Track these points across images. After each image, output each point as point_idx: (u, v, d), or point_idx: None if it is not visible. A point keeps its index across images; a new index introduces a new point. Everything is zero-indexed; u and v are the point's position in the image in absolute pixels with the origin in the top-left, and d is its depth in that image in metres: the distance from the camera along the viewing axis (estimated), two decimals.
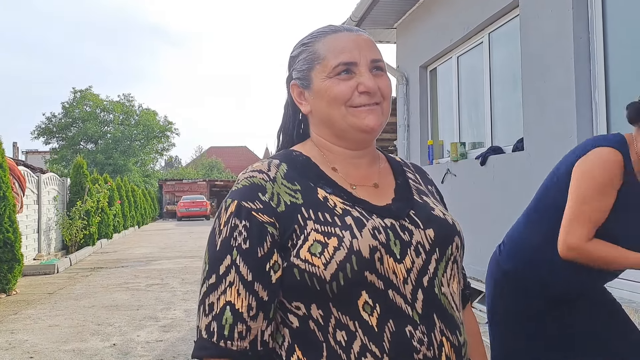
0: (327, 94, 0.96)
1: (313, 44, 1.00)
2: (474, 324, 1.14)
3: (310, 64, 0.99)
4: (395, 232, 0.91)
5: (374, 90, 0.95)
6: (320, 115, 0.99)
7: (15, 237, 7.50)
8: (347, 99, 0.95)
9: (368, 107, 0.95)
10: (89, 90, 36.72)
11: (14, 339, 5.03)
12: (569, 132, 3.68)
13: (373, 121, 0.95)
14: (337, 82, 0.95)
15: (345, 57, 0.95)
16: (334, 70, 0.95)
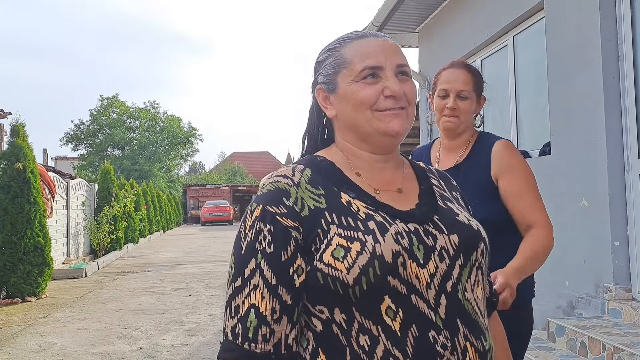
0: (353, 98, 0.97)
1: (339, 49, 1.01)
2: (501, 331, 1.12)
3: (337, 68, 0.99)
4: (419, 237, 0.90)
5: (400, 95, 0.95)
6: (345, 119, 0.99)
7: (45, 241, 7.68)
8: (373, 102, 0.96)
9: (393, 111, 0.96)
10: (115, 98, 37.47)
11: (44, 342, 5.14)
12: (597, 136, 3.60)
13: (398, 125, 0.96)
14: (363, 86, 0.96)
15: (372, 62, 0.96)
16: (360, 74, 0.96)
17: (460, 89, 1.76)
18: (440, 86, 1.79)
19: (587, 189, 3.70)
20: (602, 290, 3.54)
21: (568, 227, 3.91)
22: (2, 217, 7.34)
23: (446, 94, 1.77)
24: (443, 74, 1.80)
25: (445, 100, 1.77)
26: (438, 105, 1.79)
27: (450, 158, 1.79)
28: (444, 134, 1.82)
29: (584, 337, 3.09)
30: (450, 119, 1.76)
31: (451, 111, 1.75)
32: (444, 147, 1.85)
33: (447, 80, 1.78)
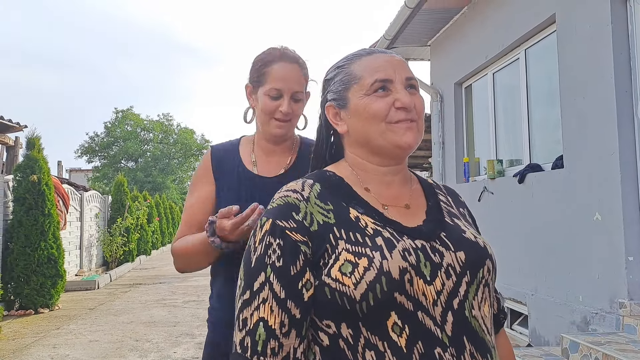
0: (365, 111, 0.98)
1: (349, 66, 1.03)
2: (508, 348, 1.11)
3: (347, 84, 1.01)
4: (426, 254, 0.91)
5: (411, 106, 0.97)
6: (357, 133, 1.01)
7: (59, 253, 7.75)
8: (385, 115, 0.97)
9: (406, 123, 0.97)
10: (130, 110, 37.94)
11: (56, 354, 5.17)
12: (610, 149, 3.57)
13: (411, 138, 0.97)
14: (374, 99, 0.98)
15: (381, 75, 0.98)
16: (370, 87, 0.98)
17: (296, 89, 1.54)
18: (272, 84, 1.52)
19: (601, 203, 3.67)
20: (616, 306, 3.49)
21: (581, 242, 3.86)
22: (17, 229, 7.43)
23: (279, 94, 1.52)
24: (275, 68, 1.53)
25: (278, 101, 1.52)
26: (267, 106, 1.53)
27: (274, 164, 1.59)
28: (271, 139, 1.58)
29: (598, 353, 3.03)
30: (283, 124, 1.54)
31: (285, 116, 1.53)
32: (262, 151, 1.60)
33: (281, 79, 1.52)
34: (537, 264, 4.48)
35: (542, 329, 4.34)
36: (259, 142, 1.61)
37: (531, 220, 4.57)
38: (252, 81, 1.58)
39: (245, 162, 1.58)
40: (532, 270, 4.55)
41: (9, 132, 8.85)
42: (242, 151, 1.61)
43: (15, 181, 7.65)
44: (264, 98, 1.53)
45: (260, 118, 1.57)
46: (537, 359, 3.36)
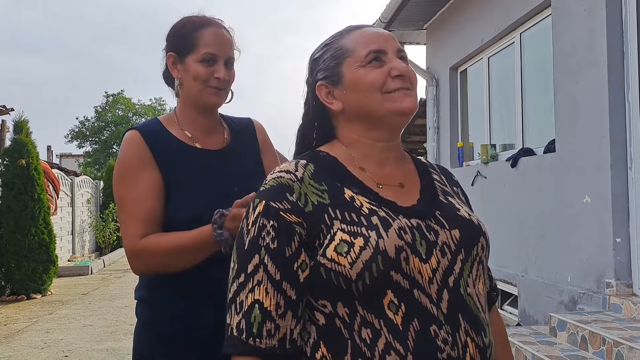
0: (362, 82, 0.97)
1: (337, 42, 1.02)
2: (501, 326, 1.13)
3: (339, 59, 1.00)
4: (421, 232, 0.91)
5: (406, 73, 0.98)
6: (355, 107, 0.99)
7: (50, 238, 7.71)
8: (382, 84, 0.97)
9: (403, 91, 0.97)
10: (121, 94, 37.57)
11: (50, 338, 5.17)
12: (602, 133, 3.60)
13: (410, 103, 0.97)
14: (370, 70, 0.97)
15: (375, 46, 0.98)
16: (365, 58, 0.98)
17: (230, 54, 1.45)
18: (206, 49, 1.41)
19: (591, 186, 3.70)
20: (603, 286, 3.55)
21: (571, 224, 3.91)
22: (6, 214, 7.37)
23: (214, 59, 1.42)
24: (205, 32, 1.43)
25: (213, 67, 1.42)
26: (202, 73, 1.41)
27: (213, 138, 1.50)
28: (206, 109, 1.48)
29: (584, 331, 3.09)
30: (219, 92, 1.44)
31: (221, 82, 1.43)
32: (194, 126, 1.48)
33: (215, 43, 1.42)
34: (527, 246, 4.53)
35: (531, 309, 4.41)
36: (189, 117, 1.48)
37: (523, 203, 4.61)
38: (177, 49, 1.45)
39: (182, 139, 1.45)
40: (522, 252, 4.60)
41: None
42: (170, 129, 1.46)
43: (3, 166, 7.57)
44: (197, 65, 1.41)
45: (193, 87, 1.44)
46: (526, 337, 3.42)
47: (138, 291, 1.49)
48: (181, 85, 1.47)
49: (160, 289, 1.41)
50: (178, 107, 1.51)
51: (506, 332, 1.14)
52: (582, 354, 3.04)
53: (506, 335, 1.14)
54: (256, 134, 1.60)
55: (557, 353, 3.09)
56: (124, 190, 1.39)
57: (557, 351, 3.13)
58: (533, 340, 3.37)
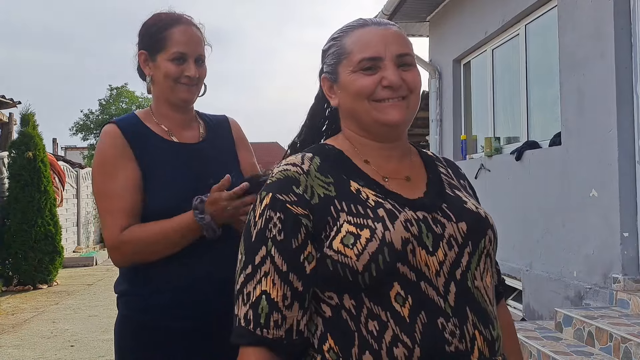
0: (351, 88, 0.98)
1: (342, 39, 1.01)
2: (509, 319, 1.12)
3: (338, 58, 1.00)
4: (428, 225, 0.91)
5: (397, 85, 0.95)
6: (346, 109, 1.01)
7: (56, 230, 7.76)
8: (370, 93, 0.96)
9: (392, 101, 0.96)
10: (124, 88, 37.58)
11: (56, 328, 5.22)
12: (609, 126, 3.57)
13: (397, 115, 0.96)
14: (360, 76, 0.97)
15: (370, 52, 0.96)
16: (358, 64, 0.97)
17: (200, 52, 1.49)
18: (175, 48, 1.45)
19: (597, 179, 3.68)
20: (610, 281, 3.53)
21: (577, 218, 3.89)
22: (13, 205, 7.42)
23: (183, 57, 1.45)
24: (174, 31, 1.46)
25: (183, 66, 1.45)
26: (172, 72, 1.45)
27: (189, 132, 1.53)
28: (178, 105, 1.51)
29: (591, 327, 3.09)
30: (190, 88, 1.48)
31: (191, 80, 1.47)
32: (170, 121, 1.51)
33: (184, 42, 1.45)
34: (532, 240, 4.52)
35: (536, 303, 4.40)
36: (163, 113, 1.51)
37: (527, 197, 4.60)
38: (147, 47, 1.48)
39: (159, 133, 1.48)
40: (527, 246, 4.59)
41: (2, 109, 8.76)
42: (147, 124, 1.50)
43: (10, 158, 7.61)
44: (167, 64, 1.45)
45: (164, 85, 1.47)
46: (530, 332, 3.41)
47: (118, 285, 1.51)
48: (153, 82, 1.51)
49: (141, 283, 1.44)
50: (153, 102, 1.55)
51: (514, 326, 1.14)
52: (589, 350, 3.03)
53: (514, 330, 1.13)
54: (231, 130, 1.64)
55: (563, 348, 3.08)
56: (103, 183, 1.42)
57: (563, 347, 3.12)
58: (538, 335, 3.36)
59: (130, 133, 1.45)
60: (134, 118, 1.51)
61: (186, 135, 1.52)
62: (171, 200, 1.40)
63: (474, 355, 0.87)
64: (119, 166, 1.41)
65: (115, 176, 1.40)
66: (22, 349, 4.55)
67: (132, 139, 1.44)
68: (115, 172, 1.40)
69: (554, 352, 2.99)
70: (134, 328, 1.45)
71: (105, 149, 1.43)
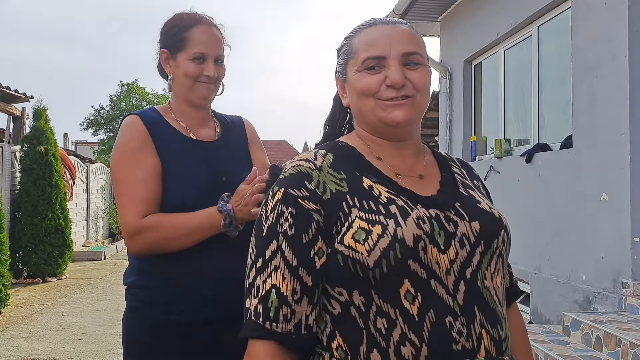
0: (355, 87, 0.99)
1: (352, 38, 1.02)
2: (520, 322, 1.12)
3: (346, 57, 1.02)
4: (440, 223, 0.91)
5: (399, 84, 0.95)
6: (354, 108, 1.02)
7: (66, 223, 7.83)
8: (375, 92, 0.97)
9: (396, 101, 0.96)
10: (135, 84, 37.78)
11: (64, 321, 5.26)
12: (621, 130, 3.54)
13: (400, 116, 0.96)
14: (364, 76, 0.97)
15: (374, 52, 0.97)
16: (362, 64, 0.98)
17: (219, 53, 1.54)
18: (195, 48, 1.49)
19: (608, 183, 3.65)
20: (619, 286, 3.51)
21: (587, 222, 3.86)
22: (24, 199, 7.49)
23: (203, 57, 1.50)
24: (195, 32, 1.50)
25: (202, 65, 1.50)
26: (192, 71, 1.50)
27: (205, 131, 1.57)
28: (196, 103, 1.55)
29: (599, 331, 3.06)
30: (209, 86, 1.52)
31: (210, 79, 1.52)
32: (187, 119, 1.55)
33: (204, 42, 1.50)
34: (541, 243, 4.49)
35: (543, 307, 4.38)
36: (181, 110, 1.56)
37: (537, 199, 4.57)
38: (169, 46, 1.53)
39: (178, 129, 1.52)
40: (535, 249, 4.56)
41: (15, 103, 8.84)
42: (167, 119, 1.54)
43: (22, 152, 7.68)
44: (187, 63, 1.50)
45: (184, 83, 1.52)
46: (538, 335, 3.39)
47: (127, 277, 1.53)
48: (173, 80, 1.55)
49: (150, 275, 1.46)
50: (172, 100, 1.59)
51: (526, 329, 1.13)
52: (597, 355, 3.01)
53: (526, 333, 1.12)
54: (246, 131, 1.68)
55: (570, 353, 3.06)
56: (124, 171, 1.43)
57: (571, 351, 3.10)
58: (545, 339, 3.34)
59: (152, 125, 1.48)
60: (154, 112, 1.55)
61: (203, 133, 1.56)
62: (189, 196, 1.44)
63: (480, 354, 0.87)
64: (140, 155, 1.43)
65: (137, 165, 1.42)
66: (31, 341, 4.59)
67: (153, 131, 1.47)
68: (137, 161, 1.43)
69: (561, 356, 2.97)
70: (141, 320, 1.46)
71: (127, 139, 1.46)
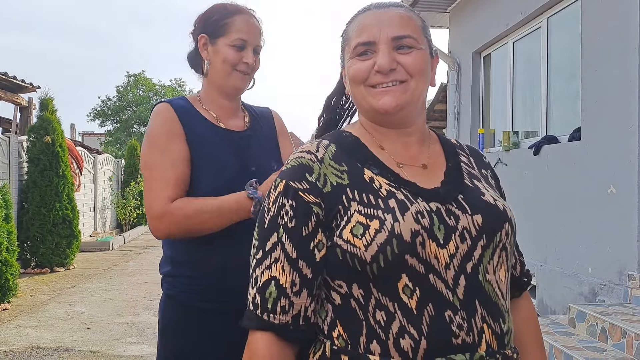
0: (348, 74, 0.99)
1: (349, 25, 1.02)
2: (531, 312, 1.10)
3: (343, 45, 1.02)
4: (440, 217, 0.89)
5: (386, 69, 0.93)
6: (352, 96, 1.02)
7: (74, 214, 7.87)
8: (365, 78, 0.96)
9: (385, 86, 0.95)
10: (142, 75, 37.80)
11: (73, 311, 5.32)
12: (629, 122, 3.51)
13: (389, 102, 0.94)
14: (356, 62, 0.97)
15: (363, 37, 0.96)
16: (354, 50, 0.97)
17: (258, 43, 1.54)
18: (237, 35, 1.49)
19: (616, 176, 3.63)
20: (625, 278, 3.50)
21: (594, 214, 3.85)
22: (32, 189, 7.54)
23: (244, 45, 1.50)
24: (238, 19, 1.50)
25: (242, 52, 1.50)
26: (231, 57, 1.49)
27: (234, 120, 1.57)
28: (229, 92, 1.55)
29: (604, 323, 3.06)
30: (245, 77, 1.53)
31: (247, 67, 1.51)
32: (218, 108, 1.56)
33: (247, 30, 1.50)
34: (547, 235, 4.48)
35: (549, 299, 4.38)
36: (212, 99, 1.56)
37: (544, 192, 4.55)
38: (209, 31, 1.52)
39: (208, 118, 1.53)
40: (542, 242, 4.56)
41: (22, 93, 8.88)
42: (199, 108, 1.54)
43: (29, 142, 7.72)
44: (228, 49, 1.49)
45: (221, 70, 1.51)
46: (543, 327, 3.39)
47: (162, 267, 1.57)
48: (209, 66, 1.54)
49: (184, 265, 1.49)
50: (203, 88, 1.59)
51: (537, 320, 1.10)
52: (601, 346, 3.01)
53: (537, 322, 1.10)
54: (274, 121, 1.70)
55: (575, 344, 3.07)
56: (153, 156, 1.45)
57: (576, 342, 3.10)
58: (551, 330, 3.35)
59: (182, 112, 1.49)
60: (184, 100, 1.56)
61: (232, 123, 1.57)
62: (218, 184, 1.44)
63: (481, 348, 0.87)
64: (169, 141, 1.45)
65: (165, 150, 1.44)
66: (39, 330, 4.65)
67: (183, 118, 1.48)
68: (166, 146, 1.44)
69: (566, 347, 2.98)
70: (175, 308, 1.50)
71: (156, 125, 1.48)
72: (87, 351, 4.10)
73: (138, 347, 4.19)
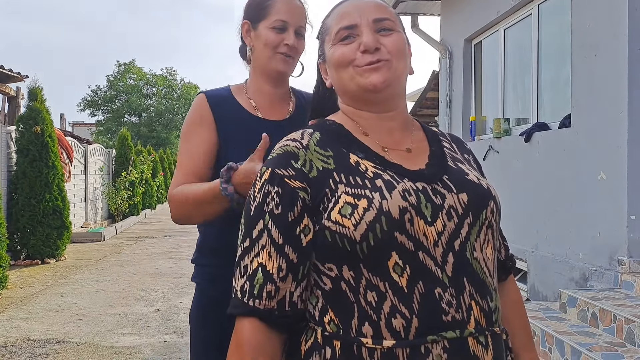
0: (332, 60, 1.00)
1: (326, 19, 1.05)
2: (517, 296, 1.12)
3: (323, 36, 1.05)
4: (427, 195, 0.91)
5: (372, 47, 0.96)
6: (336, 84, 1.03)
7: (64, 205, 7.81)
8: (351, 60, 0.98)
9: (372, 65, 0.96)
10: (132, 64, 37.44)
11: (64, 302, 5.29)
12: (619, 109, 3.52)
13: (377, 78, 0.96)
14: (339, 47, 0.99)
15: (345, 22, 0.99)
16: (336, 36, 1.00)
17: (300, 24, 1.48)
18: (277, 16, 1.45)
19: (606, 162, 3.65)
20: (615, 263, 3.53)
21: (585, 200, 3.87)
22: (21, 180, 7.47)
23: (285, 26, 1.45)
24: (278, 1, 1.47)
25: (283, 34, 1.45)
26: (272, 39, 1.45)
27: (277, 109, 1.53)
28: (273, 76, 1.51)
29: (595, 308, 3.09)
30: (287, 59, 1.47)
31: (290, 49, 1.46)
32: (261, 95, 1.53)
33: (287, 11, 1.45)
34: (539, 221, 4.51)
35: (540, 285, 4.41)
36: (257, 87, 1.54)
37: (535, 178, 4.57)
38: (251, 17, 1.51)
39: (246, 107, 1.50)
40: (533, 228, 4.58)
41: (10, 82, 8.76)
42: (237, 97, 1.52)
43: (18, 132, 7.63)
44: (268, 31, 1.46)
45: (262, 54, 1.48)
46: (534, 312, 3.42)
47: (194, 254, 1.59)
48: (252, 53, 1.53)
49: (210, 254, 1.52)
50: (249, 76, 1.58)
51: (523, 303, 1.13)
52: (592, 331, 3.05)
53: (523, 307, 1.12)
54: None
55: (566, 329, 3.10)
56: (181, 146, 1.49)
57: (567, 327, 3.13)
58: (542, 315, 3.38)
59: (215, 103, 1.49)
60: (225, 91, 1.55)
61: (273, 111, 1.53)
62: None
63: (470, 325, 0.88)
64: (196, 131, 1.46)
65: (190, 140, 1.46)
66: (30, 322, 4.63)
67: (215, 108, 1.48)
68: (192, 136, 1.46)
69: (557, 332, 3.01)
70: (201, 297, 1.52)
71: (188, 116, 1.51)
72: (78, 342, 4.09)
73: (130, 338, 4.18)
